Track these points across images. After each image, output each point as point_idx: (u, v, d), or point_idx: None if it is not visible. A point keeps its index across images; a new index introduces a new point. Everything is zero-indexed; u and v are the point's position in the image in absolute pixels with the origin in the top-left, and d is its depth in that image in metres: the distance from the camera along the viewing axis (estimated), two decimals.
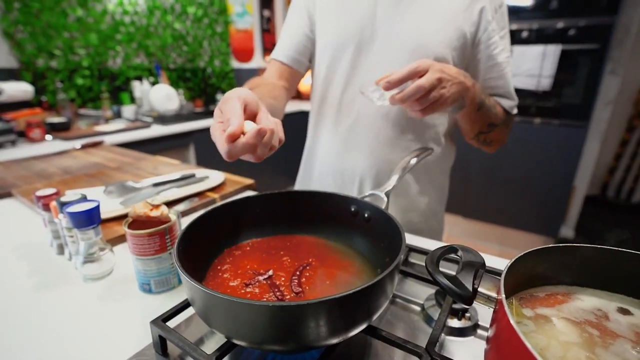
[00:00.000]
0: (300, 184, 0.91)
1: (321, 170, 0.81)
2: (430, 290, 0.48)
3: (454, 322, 0.40)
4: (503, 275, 0.27)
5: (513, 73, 0.76)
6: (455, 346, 0.38)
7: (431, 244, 0.61)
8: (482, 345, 0.38)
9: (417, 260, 0.54)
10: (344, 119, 0.75)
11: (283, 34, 0.79)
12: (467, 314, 0.41)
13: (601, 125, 2.08)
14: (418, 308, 0.45)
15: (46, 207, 0.56)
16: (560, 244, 0.31)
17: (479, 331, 0.40)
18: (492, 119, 0.67)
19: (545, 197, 2.07)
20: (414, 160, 0.56)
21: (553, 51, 1.81)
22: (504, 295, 0.25)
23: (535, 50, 1.86)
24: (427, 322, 0.42)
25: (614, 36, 1.71)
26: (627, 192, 2.70)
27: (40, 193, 0.57)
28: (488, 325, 0.41)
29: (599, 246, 0.32)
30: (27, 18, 1.75)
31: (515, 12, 1.92)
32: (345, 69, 0.72)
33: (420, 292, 0.48)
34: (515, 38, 1.94)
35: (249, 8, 3.04)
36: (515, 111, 0.73)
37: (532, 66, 1.89)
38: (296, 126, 2.81)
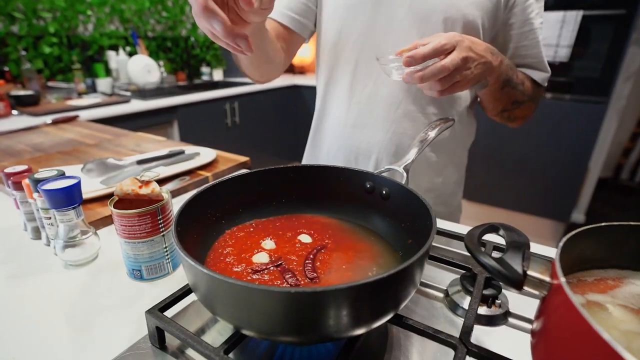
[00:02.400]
0: (307, 162, 0.88)
1: (331, 145, 0.78)
2: (453, 275, 0.47)
3: (483, 310, 0.39)
4: (558, 256, 0.25)
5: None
6: (485, 336, 0.37)
7: (454, 227, 0.59)
8: (515, 335, 0.37)
9: (438, 243, 0.52)
10: (358, 90, 0.71)
11: None
12: (498, 301, 0.39)
13: (620, 102, 2.07)
14: (440, 294, 0.44)
15: (17, 186, 0.52)
16: (617, 222, 0.29)
17: (511, 319, 0.39)
18: (517, 96, 0.65)
19: (556, 179, 2.07)
20: (433, 133, 0.54)
21: (574, 17, 1.77)
22: (563, 279, 0.23)
23: (553, 16, 1.81)
24: (452, 309, 0.41)
25: None
26: None
27: (9, 170, 0.54)
28: (520, 313, 0.40)
29: None
30: None
31: None
32: (361, 32, 0.68)
33: (442, 277, 0.46)
34: None
35: None
36: (546, 84, 0.71)
37: (548, 34, 1.85)
38: (291, 102, 2.76)
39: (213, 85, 2.69)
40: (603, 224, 0.30)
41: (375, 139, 0.72)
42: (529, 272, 0.26)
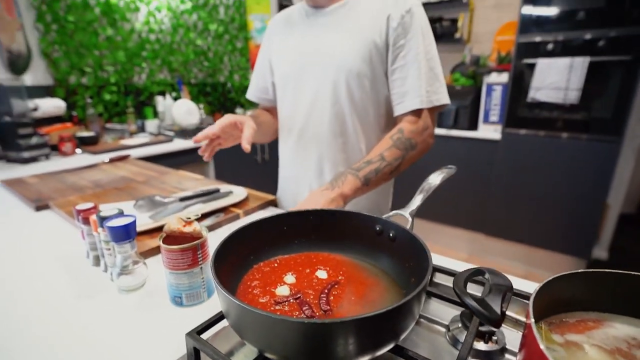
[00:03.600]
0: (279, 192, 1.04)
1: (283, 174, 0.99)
2: (455, 312, 0.49)
3: (481, 345, 0.41)
4: (532, 299, 0.28)
5: (534, 85, 0.83)
6: None
7: (457, 265, 0.61)
8: None
9: (442, 280, 0.54)
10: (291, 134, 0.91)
11: (252, 77, 1.00)
12: (494, 337, 0.41)
13: (636, 140, 2.02)
14: (443, 329, 0.46)
15: (85, 221, 0.60)
16: (592, 269, 0.32)
17: (507, 355, 0.41)
18: (385, 171, 0.74)
19: (574, 215, 2.00)
20: (438, 180, 0.58)
21: (581, 63, 1.79)
22: (533, 320, 0.26)
23: (561, 62, 1.84)
24: (452, 344, 0.43)
25: None
26: None
27: (79, 207, 0.62)
28: (516, 350, 0.41)
29: (633, 273, 0.32)
30: (63, 38, 1.90)
31: (538, 24, 1.92)
32: (292, 92, 0.88)
33: (445, 313, 0.49)
34: (540, 50, 1.93)
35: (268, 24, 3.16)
36: (416, 106, 0.76)
37: (558, 79, 1.87)
38: None
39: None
40: (580, 270, 0.32)
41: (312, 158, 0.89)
42: (508, 313, 0.29)
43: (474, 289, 0.47)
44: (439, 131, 2.37)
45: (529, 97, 1.99)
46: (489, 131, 2.24)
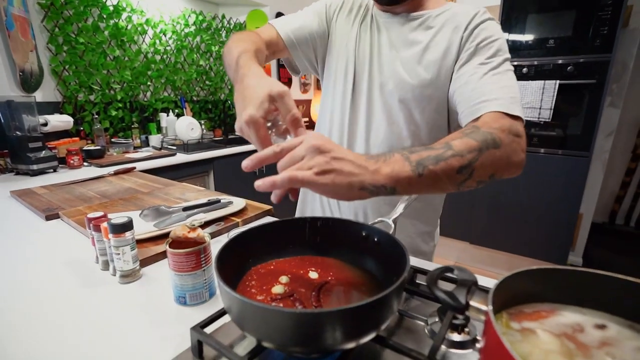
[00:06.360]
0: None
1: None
2: (433, 308, 0.52)
3: (455, 336, 0.44)
4: (491, 291, 0.32)
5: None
6: (456, 358, 0.42)
7: (428, 266, 0.64)
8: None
9: (424, 281, 0.58)
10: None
11: (294, 17, 0.78)
12: (467, 329, 0.44)
13: (603, 155, 2.10)
14: (422, 324, 0.49)
15: (96, 228, 0.63)
16: (542, 267, 0.35)
17: (478, 345, 0.44)
18: (453, 165, 0.46)
19: (552, 224, 2.06)
20: None
21: (552, 85, 1.89)
22: (491, 307, 0.29)
23: (535, 84, 1.93)
24: (430, 336, 0.46)
25: (612, 71, 1.77)
26: (635, 220, 2.66)
27: (91, 215, 0.65)
28: None
29: (578, 268, 0.36)
30: (73, 58, 1.94)
31: (515, 50, 2.02)
32: (342, 98, 0.76)
33: (426, 310, 0.52)
34: (517, 73, 2.02)
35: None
36: (495, 109, 0.56)
37: (532, 99, 1.96)
38: None
39: (244, 140, 2.89)
40: (533, 267, 0.36)
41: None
42: (471, 302, 0.32)
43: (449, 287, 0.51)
44: None
45: None
46: None
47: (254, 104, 0.45)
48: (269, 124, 0.51)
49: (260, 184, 0.40)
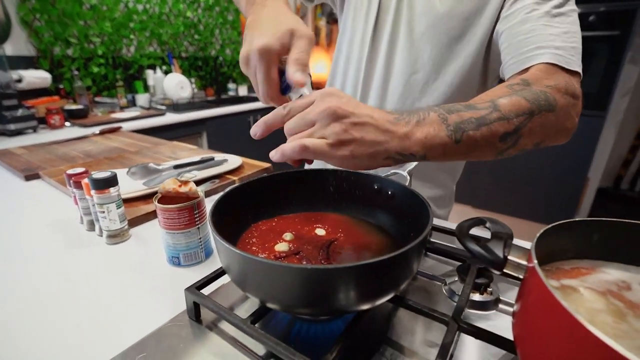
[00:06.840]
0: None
1: None
2: (450, 267, 0.49)
3: (476, 296, 0.41)
4: (534, 244, 0.28)
5: None
6: (478, 318, 0.39)
7: (451, 225, 0.61)
8: (503, 318, 0.39)
9: (437, 239, 0.54)
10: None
11: None
12: (489, 289, 0.41)
13: (618, 115, 2.03)
14: (440, 284, 0.46)
15: (77, 185, 0.58)
16: (586, 219, 0.31)
17: (501, 305, 0.41)
18: (497, 130, 0.39)
19: (557, 188, 2.05)
20: None
21: None
22: (536, 261, 0.25)
23: None
24: (450, 296, 0.43)
25: (637, 22, 1.65)
26: None
27: (70, 172, 0.59)
28: (509, 300, 0.42)
29: (624, 220, 0.32)
30: (44, 6, 1.77)
31: None
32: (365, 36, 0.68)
33: (442, 269, 0.49)
34: None
35: None
36: (549, 60, 0.48)
37: None
38: None
39: (238, 100, 2.77)
40: (576, 219, 0.32)
41: None
42: (510, 257, 0.28)
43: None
44: None
45: None
46: None
47: (273, 33, 0.39)
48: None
49: (273, 154, 0.37)
